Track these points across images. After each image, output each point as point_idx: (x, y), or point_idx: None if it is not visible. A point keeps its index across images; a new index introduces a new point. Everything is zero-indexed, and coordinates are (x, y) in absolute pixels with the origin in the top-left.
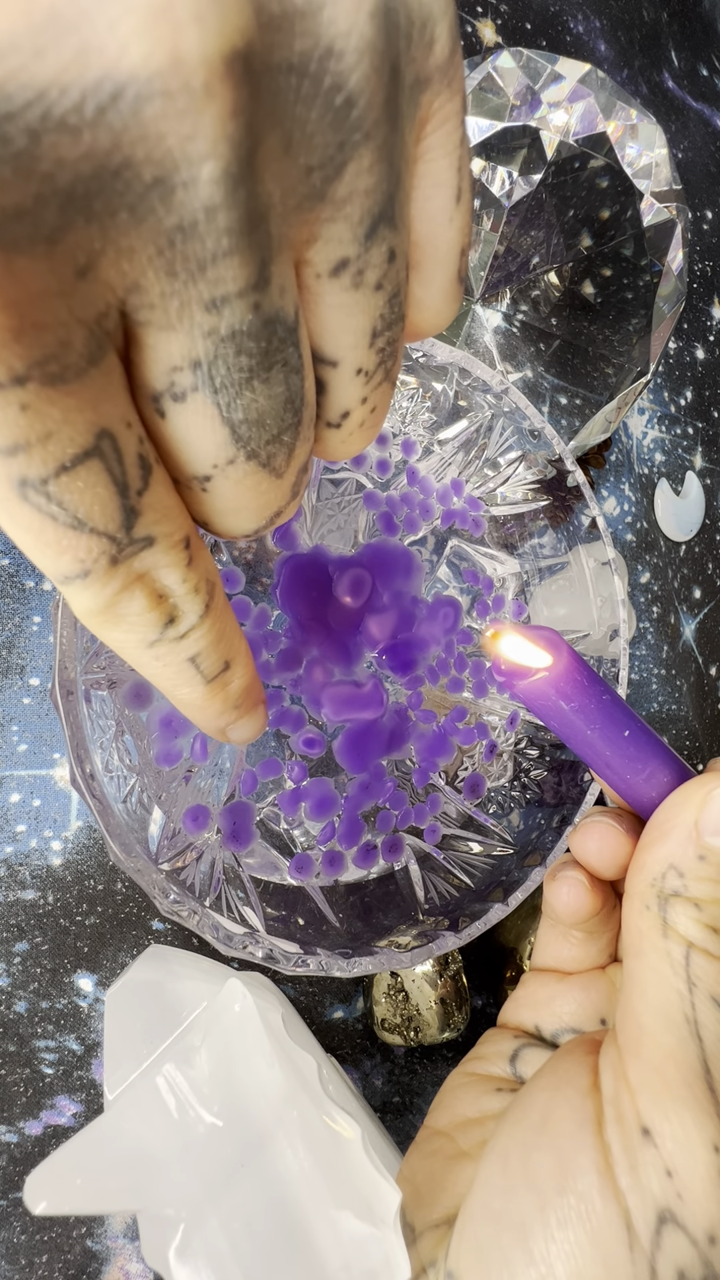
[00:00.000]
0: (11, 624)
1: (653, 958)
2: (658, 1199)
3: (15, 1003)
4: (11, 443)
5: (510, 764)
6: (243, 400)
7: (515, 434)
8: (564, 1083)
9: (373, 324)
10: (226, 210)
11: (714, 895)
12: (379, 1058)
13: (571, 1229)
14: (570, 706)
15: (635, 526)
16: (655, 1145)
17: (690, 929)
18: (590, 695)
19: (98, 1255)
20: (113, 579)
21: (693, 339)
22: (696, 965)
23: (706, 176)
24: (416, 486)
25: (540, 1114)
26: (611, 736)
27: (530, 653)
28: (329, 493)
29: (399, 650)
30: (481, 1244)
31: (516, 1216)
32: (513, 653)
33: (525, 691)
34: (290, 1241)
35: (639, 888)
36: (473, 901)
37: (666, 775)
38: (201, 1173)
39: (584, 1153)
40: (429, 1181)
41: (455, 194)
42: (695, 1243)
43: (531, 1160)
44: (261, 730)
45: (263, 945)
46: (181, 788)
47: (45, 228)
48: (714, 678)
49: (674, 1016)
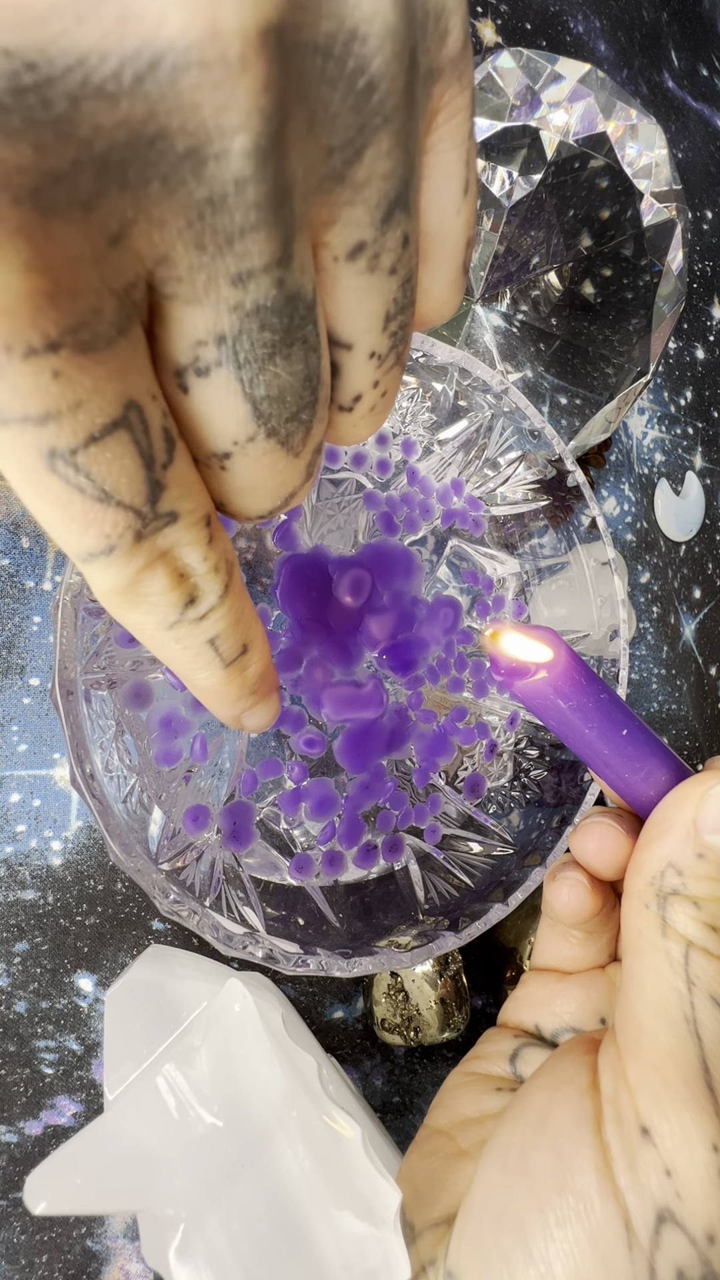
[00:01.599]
0: (11, 624)
1: (652, 957)
2: (657, 1198)
3: (15, 1003)
4: (43, 411)
5: (510, 764)
6: (265, 376)
7: (515, 434)
8: (563, 1082)
9: (386, 307)
10: (255, 184)
11: (713, 893)
12: (379, 1058)
13: (570, 1228)
14: (568, 705)
15: (635, 526)
16: (654, 1145)
17: (689, 927)
18: (588, 694)
19: (98, 1255)
20: (136, 556)
21: (693, 339)
22: (696, 964)
23: (706, 176)
24: (416, 486)
25: (539, 1113)
26: (609, 735)
27: (529, 652)
28: (329, 493)
29: (399, 650)
30: (481, 1243)
31: (515, 1216)
32: (512, 652)
33: (524, 691)
34: (290, 1241)
35: (638, 886)
36: (473, 901)
37: (665, 774)
38: (201, 1173)
39: (583, 1152)
40: (428, 1180)
41: (463, 186)
42: (694, 1242)
43: (530, 1159)
44: (275, 717)
45: (263, 945)
46: (181, 788)
47: (81, 193)
48: (714, 678)
49: (673, 1016)
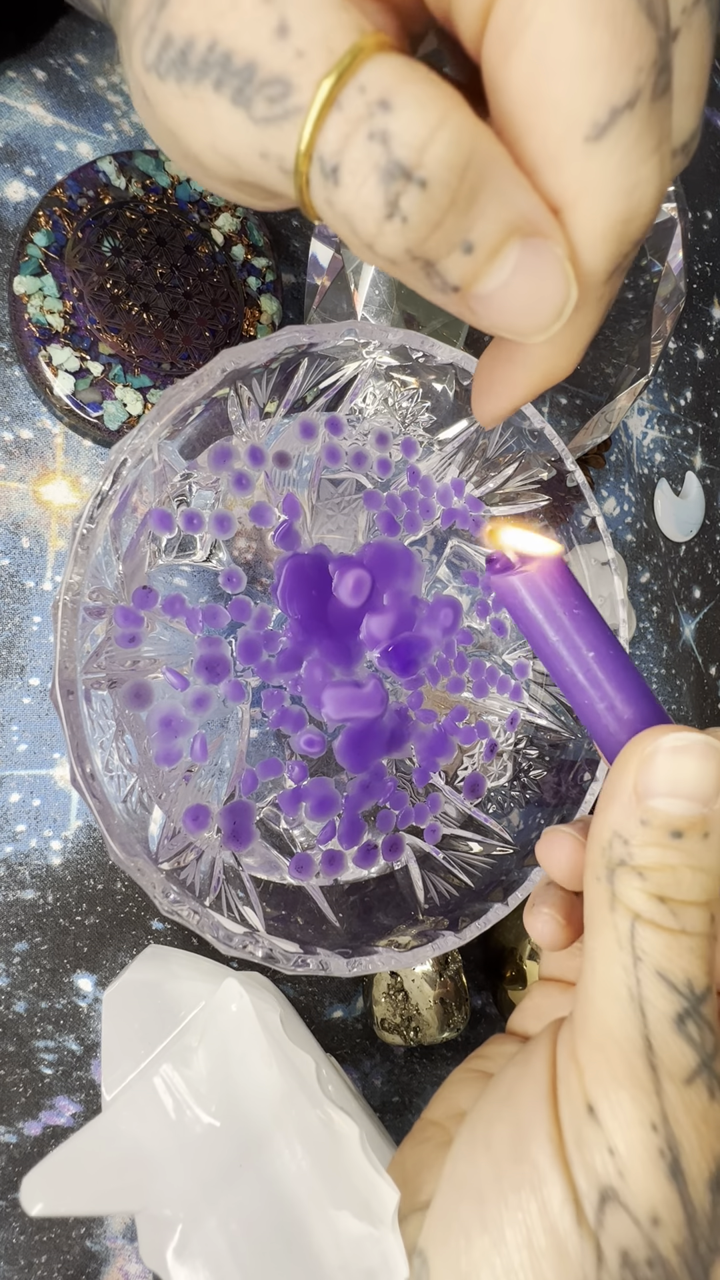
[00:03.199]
0: (11, 624)
1: (602, 932)
2: (600, 1177)
3: (15, 1003)
4: None
5: (510, 764)
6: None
7: (515, 434)
8: (531, 1056)
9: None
10: None
11: (659, 861)
12: (378, 1057)
13: (523, 1195)
14: (559, 600)
15: (635, 526)
16: (599, 1123)
17: (635, 899)
18: (578, 598)
19: (97, 1256)
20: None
21: (693, 339)
22: (642, 938)
23: (706, 176)
24: (417, 486)
25: (507, 1087)
26: (591, 645)
27: (528, 544)
28: (329, 493)
29: (399, 650)
30: (445, 1214)
31: (474, 1185)
32: (513, 541)
33: (517, 581)
34: (288, 1241)
35: (591, 858)
36: (473, 901)
37: (643, 710)
38: (199, 1173)
39: (540, 1124)
40: (416, 1166)
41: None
42: (638, 1223)
43: (493, 1130)
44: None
45: (262, 945)
46: (181, 788)
47: None
48: (714, 678)
49: (619, 992)
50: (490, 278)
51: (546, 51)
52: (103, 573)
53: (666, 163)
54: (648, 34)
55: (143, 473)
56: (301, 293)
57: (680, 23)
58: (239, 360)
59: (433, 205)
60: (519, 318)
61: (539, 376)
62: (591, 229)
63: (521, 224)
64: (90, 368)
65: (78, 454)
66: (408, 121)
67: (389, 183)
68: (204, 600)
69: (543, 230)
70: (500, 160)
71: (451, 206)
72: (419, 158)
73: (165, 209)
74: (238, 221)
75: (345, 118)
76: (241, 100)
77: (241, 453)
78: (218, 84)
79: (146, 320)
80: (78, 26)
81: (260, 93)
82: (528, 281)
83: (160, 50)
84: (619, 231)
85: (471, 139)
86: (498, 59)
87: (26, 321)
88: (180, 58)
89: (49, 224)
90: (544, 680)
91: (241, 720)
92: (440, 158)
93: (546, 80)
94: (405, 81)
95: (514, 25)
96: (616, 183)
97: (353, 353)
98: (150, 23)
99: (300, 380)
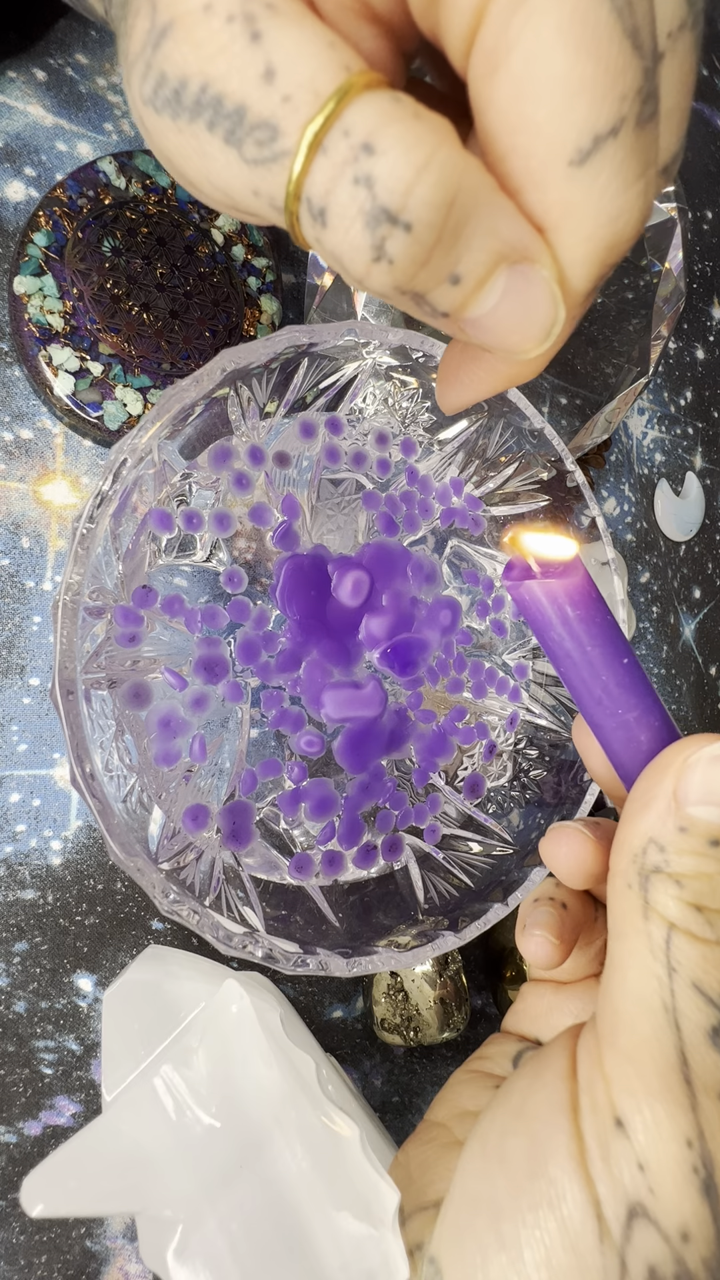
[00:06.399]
0: (11, 624)
1: (633, 940)
2: (629, 1192)
3: (15, 1003)
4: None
5: (510, 764)
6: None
7: (515, 434)
8: (544, 1068)
9: None
10: None
11: (697, 869)
12: (378, 1057)
13: (541, 1213)
14: (577, 614)
15: (635, 526)
16: (628, 1137)
17: (671, 908)
18: (597, 609)
19: (97, 1256)
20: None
21: (693, 339)
22: (678, 948)
23: (706, 176)
24: (416, 486)
25: (519, 1099)
26: (610, 660)
27: (549, 548)
28: (329, 493)
29: (398, 651)
30: (458, 1227)
31: (490, 1200)
32: (534, 547)
33: (537, 589)
34: (288, 1242)
35: (621, 865)
36: (472, 901)
37: (657, 721)
38: (199, 1174)
39: (557, 1138)
40: (421, 1166)
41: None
42: (667, 1239)
43: (507, 1144)
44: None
45: (262, 945)
46: (181, 788)
47: None
48: (714, 678)
49: (652, 1003)
50: (478, 305)
51: (531, 75)
52: (103, 573)
53: (651, 188)
54: (632, 63)
55: (143, 472)
56: (301, 293)
57: (665, 47)
58: (239, 360)
59: (419, 246)
60: (508, 338)
61: (502, 381)
62: (574, 252)
63: (508, 252)
64: (90, 368)
65: (78, 454)
66: (392, 164)
67: (374, 227)
68: (204, 600)
69: (530, 255)
70: (486, 191)
71: (437, 245)
72: (403, 201)
73: (165, 209)
74: (238, 222)
75: (331, 162)
76: (233, 141)
77: (241, 453)
78: (211, 125)
79: (146, 320)
80: (78, 26)
81: (250, 135)
82: (516, 305)
83: (156, 87)
84: (601, 256)
85: (457, 175)
86: (483, 78)
87: (26, 321)
88: (175, 97)
89: (49, 224)
90: (544, 680)
91: (241, 720)
92: (425, 199)
93: (530, 104)
94: (390, 122)
95: (499, 47)
96: (600, 208)
97: (353, 353)
98: (146, 60)
99: (300, 380)
